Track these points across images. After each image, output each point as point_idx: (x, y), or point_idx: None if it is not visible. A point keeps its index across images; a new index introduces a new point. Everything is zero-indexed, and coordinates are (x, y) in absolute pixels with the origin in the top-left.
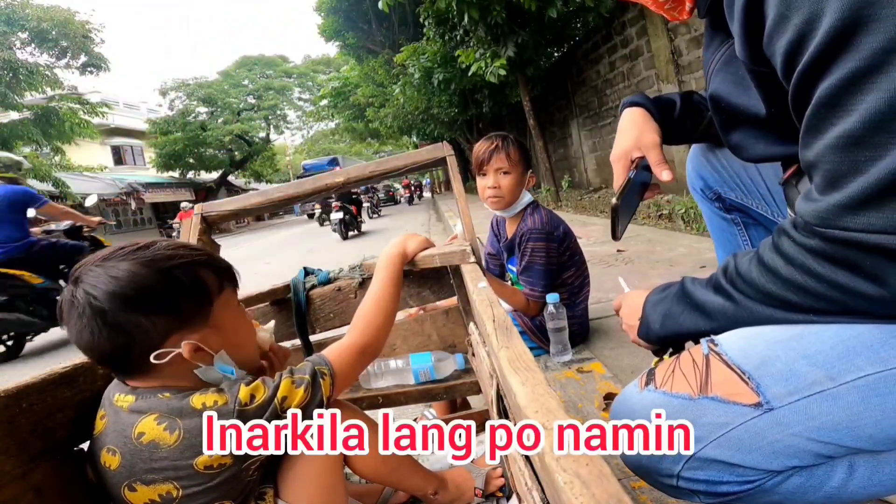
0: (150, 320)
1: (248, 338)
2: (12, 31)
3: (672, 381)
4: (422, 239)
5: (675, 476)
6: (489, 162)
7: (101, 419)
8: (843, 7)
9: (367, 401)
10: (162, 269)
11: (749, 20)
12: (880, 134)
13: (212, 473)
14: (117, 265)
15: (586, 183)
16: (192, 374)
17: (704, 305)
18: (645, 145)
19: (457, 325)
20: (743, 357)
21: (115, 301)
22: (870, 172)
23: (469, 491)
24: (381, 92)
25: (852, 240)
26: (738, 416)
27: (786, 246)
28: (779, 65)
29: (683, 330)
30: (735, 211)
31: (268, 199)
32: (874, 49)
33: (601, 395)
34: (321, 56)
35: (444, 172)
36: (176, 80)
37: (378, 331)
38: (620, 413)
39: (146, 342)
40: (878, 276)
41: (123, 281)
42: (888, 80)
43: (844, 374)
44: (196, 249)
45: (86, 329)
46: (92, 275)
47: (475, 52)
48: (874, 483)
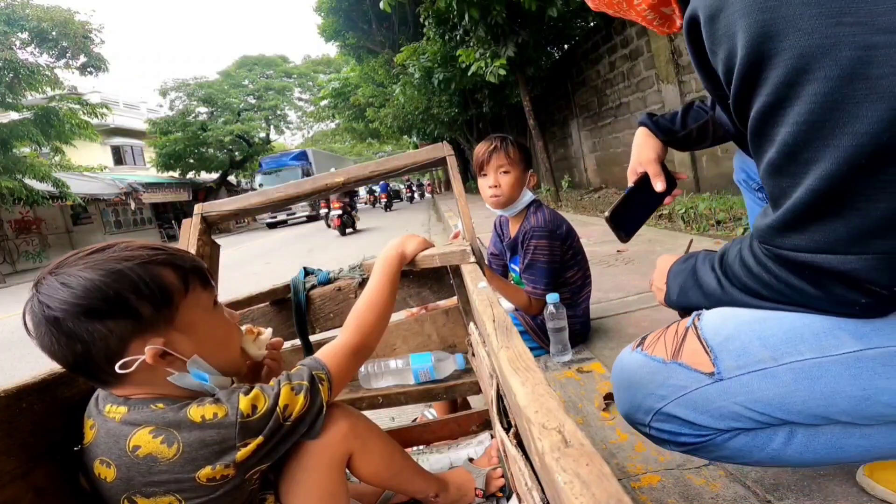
0: (106, 326)
1: (227, 340)
2: (13, 31)
3: (655, 346)
4: (421, 240)
5: (647, 426)
6: (489, 162)
7: (90, 428)
8: (748, 43)
9: (367, 401)
10: (113, 271)
11: (695, 49)
12: (793, 164)
13: (214, 485)
14: (68, 271)
15: (586, 183)
16: (170, 382)
17: (703, 286)
18: (643, 162)
19: (457, 325)
20: (713, 333)
21: (66, 308)
22: (792, 198)
23: (470, 492)
24: (381, 92)
25: (785, 257)
26: (696, 381)
27: (755, 247)
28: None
29: (692, 303)
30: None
31: (268, 199)
32: (777, 84)
33: (601, 395)
34: (321, 56)
35: (444, 172)
36: (176, 80)
37: (371, 331)
38: (616, 367)
39: (105, 349)
40: (818, 282)
41: (74, 287)
42: (794, 114)
43: (786, 356)
44: (156, 249)
45: (45, 338)
46: (46, 283)
47: (475, 52)
48: (809, 451)
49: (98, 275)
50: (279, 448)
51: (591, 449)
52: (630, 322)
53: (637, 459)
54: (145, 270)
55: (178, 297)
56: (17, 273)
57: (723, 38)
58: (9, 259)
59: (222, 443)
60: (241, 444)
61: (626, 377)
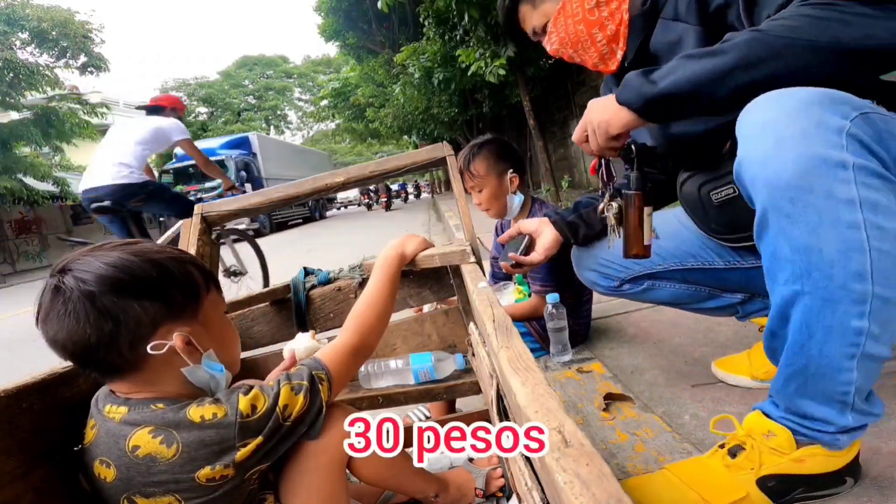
0: (141, 306)
1: (232, 341)
2: (13, 31)
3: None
4: (421, 240)
5: (582, 276)
6: (465, 183)
7: (91, 429)
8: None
9: (367, 401)
10: (150, 258)
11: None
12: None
13: (214, 485)
14: (108, 253)
15: (586, 183)
16: (178, 378)
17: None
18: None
19: (457, 325)
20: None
21: (105, 284)
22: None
23: (470, 492)
24: (381, 92)
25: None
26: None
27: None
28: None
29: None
30: (644, 279)
31: (268, 199)
32: None
33: (601, 395)
34: (321, 56)
35: (444, 172)
36: (177, 80)
37: (371, 331)
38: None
39: (134, 330)
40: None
41: (115, 266)
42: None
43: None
44: (181, 250)
45: (70, 317)
46: (82, 262)
47: (475, 52)
48: (662, 297)
49: (139, 259)
50: (279, 448)
51: (591, 449)
52: (630, 322)
53: (637, 459)
54: (177, 263)
55: (202, 293)
56: (17, 273)
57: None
58: (9, 259)
59: (221, 443)
60: (240, 445)
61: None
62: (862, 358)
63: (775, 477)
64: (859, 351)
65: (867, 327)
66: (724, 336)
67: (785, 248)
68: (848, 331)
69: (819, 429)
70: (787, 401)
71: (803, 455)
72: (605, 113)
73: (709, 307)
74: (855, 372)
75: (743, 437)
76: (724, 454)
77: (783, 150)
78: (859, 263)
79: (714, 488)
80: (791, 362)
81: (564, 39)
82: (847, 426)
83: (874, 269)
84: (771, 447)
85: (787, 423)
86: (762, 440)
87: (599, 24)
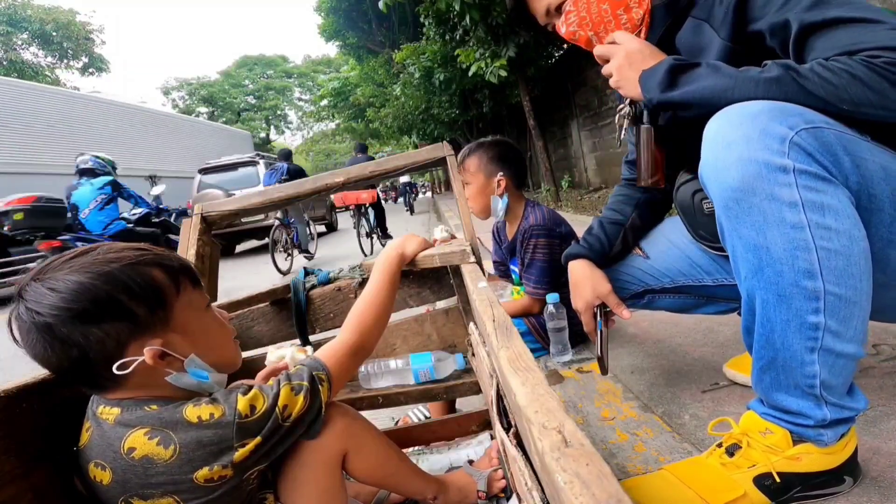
0: (102, 329)
1: (220, 339)
2: (16, 31)
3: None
4: (421, 240)
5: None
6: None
7: (86, 431)
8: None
9: (367, 401)
10: (101, 273)
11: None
12: None
13: (213, 486)
14: (55, 276)
15: (586, 183)
16: (167, 383)
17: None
18: (601, 295)
19: (457, 325)
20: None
21: (59, 313)
22: None
23: (472, 494)
24: (381, 92)
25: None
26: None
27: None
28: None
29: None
30: (644, 294)
31: (268, 199)
32: None
33: (601, 394)
34: (321, 56)
35: (444, 172)
36: (179, 80)
37: (371, 331)
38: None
39: (102, 353)
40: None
41: (62, 291)
42: None
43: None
44: (142, 250)
45: (37, 345)
46: (31, 290)
47: (475, 52)
48: (662, 306)
49: (87, 277)
50: (277, 448)
51: (591, 449)
52: (630, 322)
53: (637, 459)
54: (134, 271)
55: (170, 297)
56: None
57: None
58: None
59: (220, 443)
60: (238, 445)
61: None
62: (822, 352)
63: (772, 475)
64: (818, 345)
65: (824, 322)
66: (724, 336)
67: (739, 246)
68: (805, 325)
69: (799, 423)
70: (765, 394)
71: (798, 453)
72: (633, 67)
73: (709, 311)
74: (817, 366)
75: (739, 435)
76: (721, 453)
77: (728, 155)
78: (806, 262)
79: (712, 487)
80: (761, 356)
81: (585, 20)
82: (825, 419)
83: (823, 268)
84: (766, 445)
85: (771, 418)
86: (758, 438)
87: (625, 5)
